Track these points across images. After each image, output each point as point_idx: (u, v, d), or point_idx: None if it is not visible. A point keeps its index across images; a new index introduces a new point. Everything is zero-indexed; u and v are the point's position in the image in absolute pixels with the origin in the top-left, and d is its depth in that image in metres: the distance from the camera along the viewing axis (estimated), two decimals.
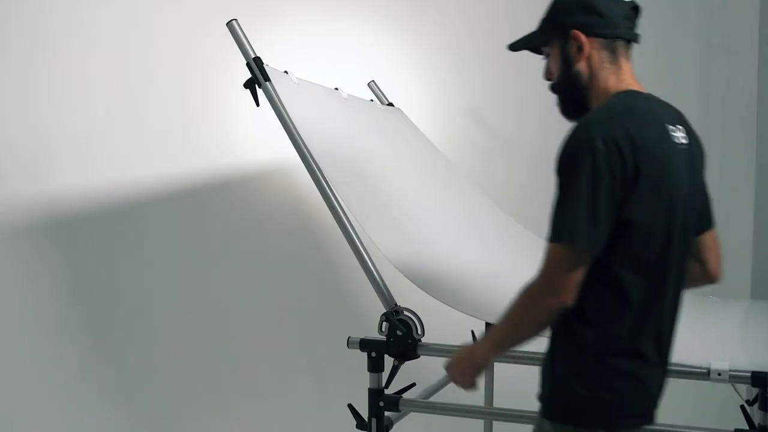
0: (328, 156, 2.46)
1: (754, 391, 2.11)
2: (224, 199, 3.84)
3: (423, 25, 3.63)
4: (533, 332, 1.69)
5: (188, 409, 3.74)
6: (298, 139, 2.44)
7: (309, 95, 2.52)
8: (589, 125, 1.61)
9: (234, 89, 3.86)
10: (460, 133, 4.03)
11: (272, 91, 2.45)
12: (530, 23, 1.95)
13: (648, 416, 1.76)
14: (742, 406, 2.17)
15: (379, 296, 2.36)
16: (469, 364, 1.86)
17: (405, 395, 2.42)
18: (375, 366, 2.38)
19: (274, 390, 3.83)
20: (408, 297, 2.38)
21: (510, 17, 4.03)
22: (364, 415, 2.40)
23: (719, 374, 2.09)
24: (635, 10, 1.82)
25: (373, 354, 2.37)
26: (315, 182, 2.41)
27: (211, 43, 3.79)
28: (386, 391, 2.40)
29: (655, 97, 1.81)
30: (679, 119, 1.81)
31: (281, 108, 2.45)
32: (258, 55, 2.49)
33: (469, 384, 1.89)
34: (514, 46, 1.92)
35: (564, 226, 1.59)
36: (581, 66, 1.76)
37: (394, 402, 2.38)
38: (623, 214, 1.61)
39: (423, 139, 3.13)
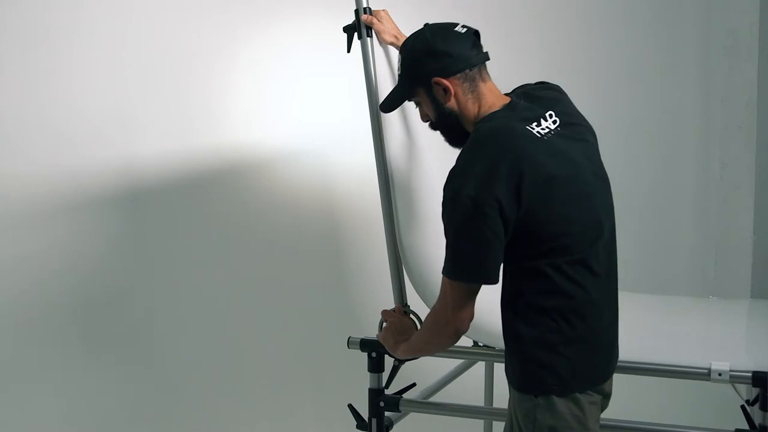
0: (399, 138, 2.38)
1: (755, 391, 2.11)
2: (222, 199, 3.84)
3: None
4: (439, 349, 2.03)
5: (186, 408, 3.74)
6: (377, 106, 2.31)
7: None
8: (454, 178, 1.78)
9: (233, 88, 3.88)
10: None
11: (369, 49, 2.36)
12: (528, 24, 1.96)
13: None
14: (742, 406, 2.17)
15: (394, 290, 2.35)
16: (392, 347, 2.17)
17: (405, 395, 2.42)
18: (375, 366, 2.39)
19: (274, 390, 3.83)
20: (408, 295, 2.38)
21: (507, 16, 4.04)
22: (364, 415, 2.40)
23: (720, 374, 2.10)
24: (476, 35, 1.95)
25: (373, 354, 2.38)
26: (376, 156, 2.34)
27: (211, 42, 3.79)
28: (386, 392, 2.40)
29: (515, 99, 1.93)
30: (547, 105, 1.92)
31: (372, 68, 2.35)
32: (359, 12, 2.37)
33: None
34: (386, 107, 2.07)
35: (452, 266, 1.81)
36: (451, 104, 1.92)
37: (394, 402, 2.38)
38: (524, 229, 1.78)
39: None
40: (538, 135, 1.83)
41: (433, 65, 1.90)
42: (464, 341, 2.63)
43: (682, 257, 4.34)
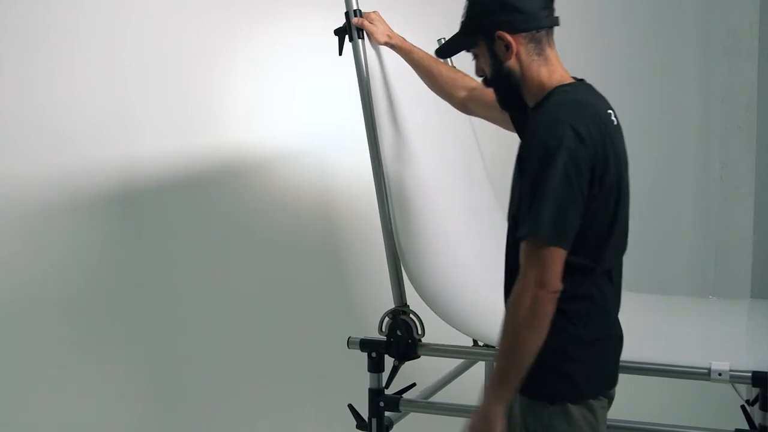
0: (393, 141, 2.37)
1: (755, 390, 2.11)
2: (222, 199, 3.84)
3: (426, 24, 3.63)
4: (535, 342, 1.68)
5: (186, 408, 3.74)
6: (370, 108, 2.34)
7: (393, 64, 2.42)
8: (555, 124, 1.66)
9: (233, 88, 3.88)
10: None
11: (361, 51, 2.35)
12: None
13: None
14: (742, 406, 2.17)
15: (393, 291, 2.35)
16: (482, 423, 1.74)
17: (405, 395, 2.42)
18: (375, 366, 2.39)
19: (274, 390, 3.83)
20: (408, 295, 2.38)
21: None
22: (365, 415, 2.40)
23: (720, 374, 2.10)
24: None
25: (374, 354, 2.37)
26: (371, 158, 2.34)
27: (211, 42, 3.79)
28: (386, 392, 2.40)
29: (584, 84, 1.88)
30: (606, 100, 1.89)
31: (364, 69, 2.35)
32: (358, 7, 2.37)
33: None
34: (442, 53, 1.97)
35: (544, 225, 1.63)
36: (512, 63, 1.79)
37: (394, 402, 2.38)
38: (591, 205, 1.69)
39: (473, 138, 3.09)
40: (614, 123, 1.79)
41: (500, 18, 1.77)
42: (464, 341, 2.64)
43: (682, 257, 4.34)
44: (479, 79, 1.92)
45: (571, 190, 1.63)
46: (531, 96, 1.82)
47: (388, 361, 2.38)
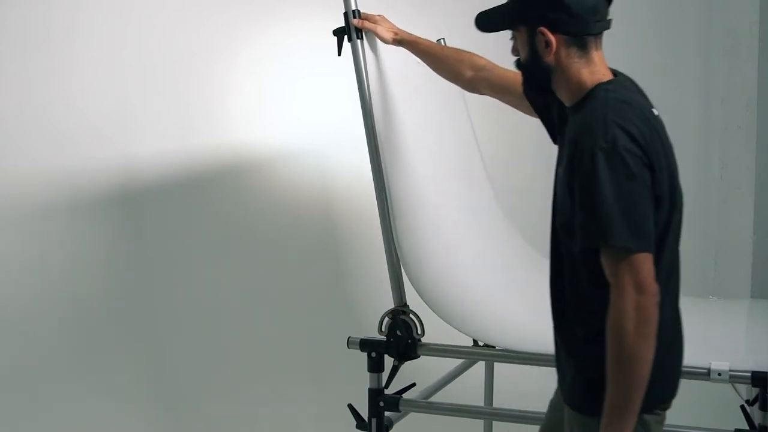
0: (392, 141, 2.35)
1: (755, 390, 2.11)
2: (222, 199, 3.84)
3: (426, 24, 3.63)
4: (652, 349, 1.57)
5: (186, 408, 3.74)
6: (369, 108, 2.33)
7: (394, 62, 2.42)
8: (604, 126, 1.59)
9: (233, 88, 3.88)
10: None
11: (360, 51, 2.35)
12: None
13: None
14: (742, 406, 2.17)
15: (393, 291, 2.35)
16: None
17: (405, 395, 2.42)
18: (375, 366, 2.39)
19: (274, 389, 3.83)
20: (408, 295, 2.38)
21: None
22: (364, 415, 2.40)
23: (719, 374, 2.09)
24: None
25: (373, 354, 2.37)
26: (371, 158, 2.33)
27: (211, 42, 3.79)
28: (386, 392, 2.40)
29: (626, 79, 1.79)
30: (644, 93, 1.80)
31: (363, 70, 2.34)
32: (357, 8, 2.36)
33: None
34: (481, 26, 1.84)
35: (632, 233, 1.55)
36: (550, 60, 1.71)
37: (394, 402, 2.38)
38: None
39: (473, 138, 3.08)
40: (659, 117, 1.73)
41: (547, 14, 1.68)
42: (464, 341, 2.64)
43: (682, 257, 4.34)
44: (513, 59, 1.83)
45: (638, 189, 1.57)
46: (569, 93, 1.74)
47: (388, 361, 2.38)
